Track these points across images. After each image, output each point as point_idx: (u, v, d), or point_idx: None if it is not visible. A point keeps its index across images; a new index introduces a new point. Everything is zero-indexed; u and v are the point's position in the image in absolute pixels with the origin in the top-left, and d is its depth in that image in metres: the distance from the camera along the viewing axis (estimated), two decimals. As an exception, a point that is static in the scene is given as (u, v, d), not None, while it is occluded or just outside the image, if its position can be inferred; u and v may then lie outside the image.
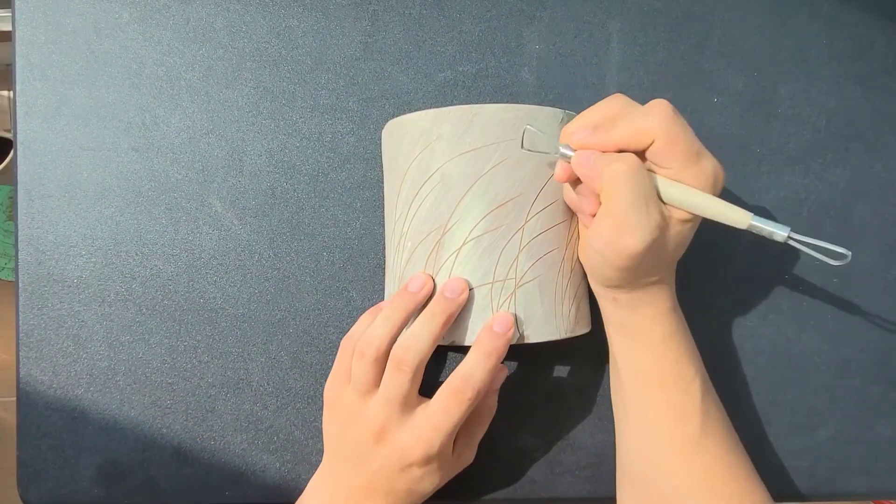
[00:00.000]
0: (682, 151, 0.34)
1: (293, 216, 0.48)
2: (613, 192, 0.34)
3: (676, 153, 0.34)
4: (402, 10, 0.50)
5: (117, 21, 0.48)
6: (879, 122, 0.52)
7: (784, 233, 0.34)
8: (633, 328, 0.39)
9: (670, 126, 0.34)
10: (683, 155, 0.34)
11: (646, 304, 0.38)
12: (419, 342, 0.38)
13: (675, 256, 0.38)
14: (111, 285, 0.47)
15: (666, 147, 0.34)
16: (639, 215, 0.34)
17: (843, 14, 0.52)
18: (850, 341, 0.51)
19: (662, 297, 0.39)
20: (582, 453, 0.49)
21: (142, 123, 0.48)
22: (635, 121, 0.35)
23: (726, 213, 0.35)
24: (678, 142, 0.34)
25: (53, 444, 0.47)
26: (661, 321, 0.39)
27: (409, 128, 0.40)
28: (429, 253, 0.39)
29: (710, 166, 0.35)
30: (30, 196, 0.47)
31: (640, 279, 0.37)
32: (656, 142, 0.34)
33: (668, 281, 0.39)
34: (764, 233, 0.35)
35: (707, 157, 0.35)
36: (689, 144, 0.34)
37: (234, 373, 0.48)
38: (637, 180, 0.34)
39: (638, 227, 0.34)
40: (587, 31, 0.50)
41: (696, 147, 0.35)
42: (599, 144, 0.35)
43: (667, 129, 0.34)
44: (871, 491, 0.51)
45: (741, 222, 0.35)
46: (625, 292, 0.38)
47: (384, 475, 0.39)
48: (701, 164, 0.35)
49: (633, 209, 0.34)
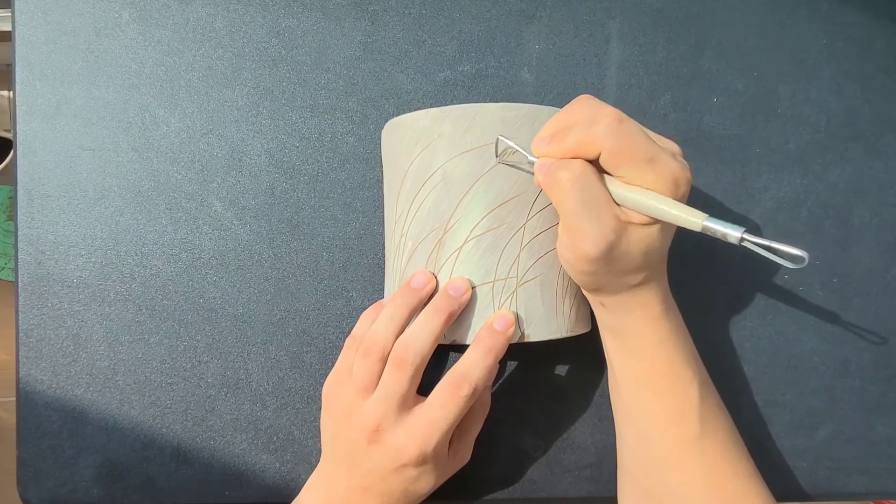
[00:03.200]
0: (630, 161, 0.34)
1: (293, 216, 0.48)
2: (561, 200, 0.35)
3: (624, 163, 0.34)
4: (402, 10, 0.50)
5: (117, 21, 0.48)
6: (879, 122, 0.52)
7: (738, 233, 0.33)
8: (625, 332, 0.39)
9: (614, 138, 0.34)
10: (633, 163, 0.34)
11: (635, 308, 0.38)
12: (420, 341, 0.38)
13: (651, 259, 0.37)
14: (111, 285, 0.47)
15: (612, 158, 0.34)
16: (589, 221, 0.34)
17: (843, 14, 0.52)
18: (850, 341, 0.51)
19: (652, 301, 0.38)
20: (582, 453, 0.49)
21: (142, 123, 0.48)
22: (582, 132, 0.34)
23: (679, 215, 0.34)
24: (624, 152, 0.34)
25: (53, 444, 0.47)
26: (653, 325, 0.38)
27: (409, 127, 0.40)
28: (430, 252, 0.39)
29: (667, 171, 0.34)
30: (30, 196, 0.47)
31: (619, 282, 0.37)
32: (602, 152, 0.34)
33: (656, 284, 0.38)
34: (718, 234, 0.33)
35: (663, 161, 0.34)
36: (638, 153, 0.34)
37: (234, 373, 0.48)
38: (583, 187, 0.34)
39: (590, 232, 0.34)
40: (587, 31, 0.50)
41: (649, 153, 0.34)
42: (554, 153, 0.36)
43: (611, 142, 0.34)
44: (871, 491, 0.51)
45: (695, 224, 0.33)
46: (608, 296, 0.38)
47: (378, 475, 0.39)
48: (656, 170, 0.34)
49: (582, 215, 0.34)
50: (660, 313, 0.38)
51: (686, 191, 0.35)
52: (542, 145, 0.36)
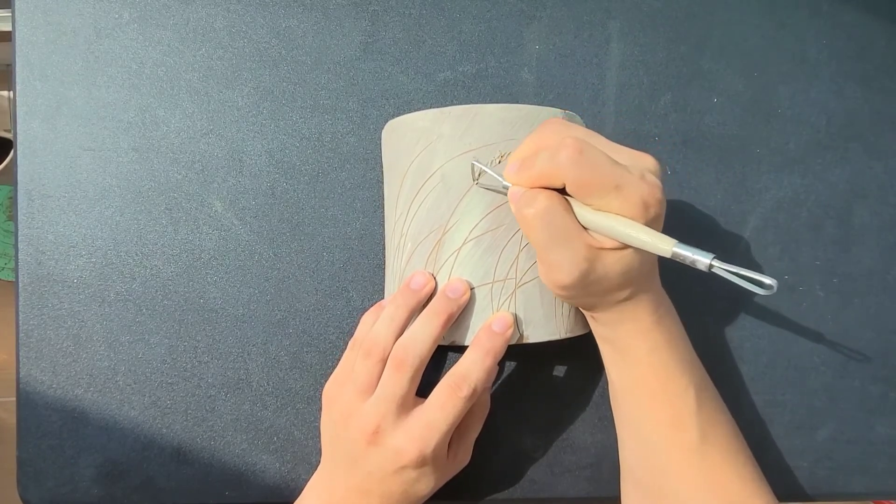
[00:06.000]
0: (596, 190, 0.33)
1: (293, 216, 0.48)
2: (529, 234, 0.35)
3: (590, 192, 0.33)
4: (402, 10, 0.50)
5: (117, 21, 0.48)
6: (879, 122, 0.52)
7: (706, 260, 0.32)
8: (617, 343, 0.39)
9: (577, 169, 0.33)
10: (598, 192, 0.33)
11: (626, 321, 0.38)
12: (419, 342, 0.38)
13: (632, 277, 0.36)
14: (111, 285, 0.47)
15: (577, 189, 0.34)
16: (559, 253, 0.34)
17: (843, 14, 0.52)
18: (850, 341, 0.51)
19: (643, 312, 0.38)
20: (582, 453, 0.49)
21: (142, 123, 0.48)
22: (545, 163, 0.34)
23: (648, 241, 0.33)
24: (587, 183, 0.33)
25: (53, 444, 0.47)
26: (645, 336, 0.38)
27: (409, 128, 0.40)
28: (429, 253, 0.39)
29: (635, 195, 0.33)
30: (30, 196, 0.47)
31: (604, 300, 0.37)
32: (567, 184, 0.34)
33: (645, 296, 0.38)
34: (687, 261, 0.33)
35: (630, 186, 0.33)
36: (603, 181, 0.33)
37: (234, 373, 0.48)
38: (549, 222, 0.34)
39: (560, 263, 0.34)
40: (587, 31, 0.50)
41: (614, 181, 0.33)
42: (522, 182, 0.35)
43: (573, 173, 0.33)
44: (871, 491, 0.51)
45: (664, 251, 0.33)
46: (598, 311, 0.38)
47: (378, 477, 0.39)
48: (623, 195, 0.33)
49: (551, 248, 0.34)
50: (651, 324, 0.38)
51: (658, 211, 0.34)
52: (512, 172, 0.36)
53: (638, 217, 0.33)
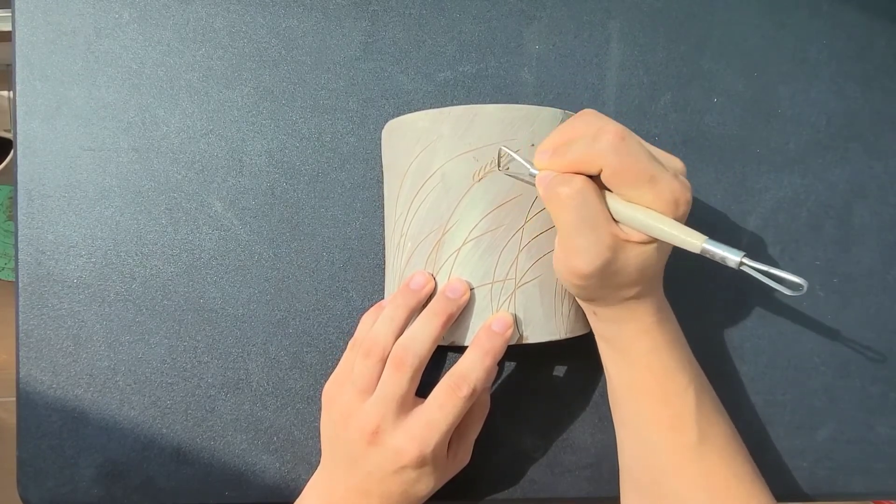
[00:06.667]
0: (631, 179, 0.34)
1: (293, 216, 0.48)
2: (558, 215, 0.35)
3: (626, 181, 0.34)
4: (402, 10, 0.50)
5: (117, 21, 0.48)
6: (879, 122, 0.52)
7: (737, 258, 0.33)
8: (617, 342, 0.39)
9: (616, 156, 0.33)
10: (634, 182, 0.34)
11: (628, 320, 0.38)
12: (419, 342, 0.38)
13: (646, 275, 0.36)
14: (111, 285, 0.47)
15: (613, 176, 0.34)
16: (585, 238, 0.34)
17: (843, 14, 0.52)
18: (850, 341, 0.51)
19: (645, 313, 0.38)
20: (582, 453, 0.49)
21: (142, 123, 0.48)
22: (583, 148, 0.34)
23: (678, 236, 0.33)
24: (625, 171, 0.34)
25: (53, 444, 0.47)
26: (646, 336, 0.38)
27: (409, 128, 0.40)
28: (429, 253, 0.39)
29: (667, 190, 0.34)
30: (30, 196, 0.47)
31: (613, 295, 0.37)
32: (604, 170, 0.34)
33: (650, 296, 0.38)
34: (717, 258, 0.33)
35: (664, 181, 0.34)
36: (640, 171, 0.34)
37: (234, 373, 0.48)
38: (582, 203, 0.34)
39: (585, 249, 0.34)
40: (587, 31, 0.50)
41: (650, 172, 0.34)
42: (555, 167, 0.35)
43: (613, 160, 0.33)
44: (871, 491, 0.51)
45: (694, 246, 0.33)
46: (602, 307, 0.38)
47: (378, 476, 0.39)
48: (657, 189, 0.34)
49: (578, 232, 0.34)
50: (652, 324, 0.38)
51: (686, 210, 0.35)
52: (545, 158, 0.36)
53: (668, 213, 0.34)
